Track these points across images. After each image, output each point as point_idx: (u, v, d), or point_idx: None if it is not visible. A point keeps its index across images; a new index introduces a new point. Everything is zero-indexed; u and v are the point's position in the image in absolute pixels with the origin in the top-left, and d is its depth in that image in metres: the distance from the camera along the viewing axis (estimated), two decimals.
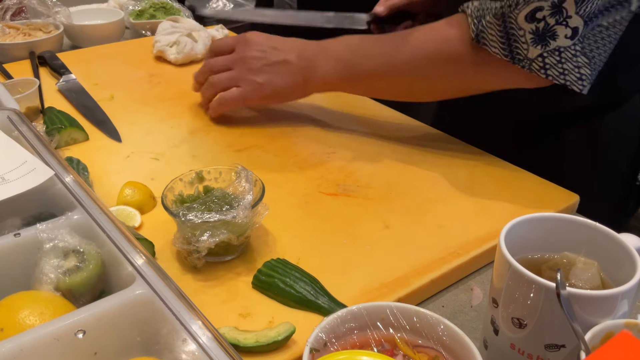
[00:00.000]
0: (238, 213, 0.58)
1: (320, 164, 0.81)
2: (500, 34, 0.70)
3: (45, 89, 1.02)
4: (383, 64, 0.80)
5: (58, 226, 0.50)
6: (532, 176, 0.79)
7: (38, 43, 1.17)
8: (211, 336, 0.40)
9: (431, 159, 0.83)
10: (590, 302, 0.44)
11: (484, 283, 0.64)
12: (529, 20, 0.68)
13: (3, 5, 1.26)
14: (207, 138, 0.88)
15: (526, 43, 0.69)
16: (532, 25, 0.68)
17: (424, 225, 0.69)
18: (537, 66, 0.69)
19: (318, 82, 0.85)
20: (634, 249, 0.47)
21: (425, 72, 0.78)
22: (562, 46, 0.68)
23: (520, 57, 0.70)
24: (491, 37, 0.71)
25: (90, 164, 0.78)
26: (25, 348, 0.39)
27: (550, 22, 0.67)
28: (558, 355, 0.46)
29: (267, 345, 0.51)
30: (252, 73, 0.86)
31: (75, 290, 0.47)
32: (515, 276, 0.46)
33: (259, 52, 0.86)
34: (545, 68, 0.69)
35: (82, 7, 1.35)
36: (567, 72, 0.69)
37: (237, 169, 0.65)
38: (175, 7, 1.37)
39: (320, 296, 0.57)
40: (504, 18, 0.69)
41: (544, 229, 0.52)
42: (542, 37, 0.68)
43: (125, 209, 0.68)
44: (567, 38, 0.67)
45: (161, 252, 0.64)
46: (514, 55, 0.70)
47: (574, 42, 0.67)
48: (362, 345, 0.44)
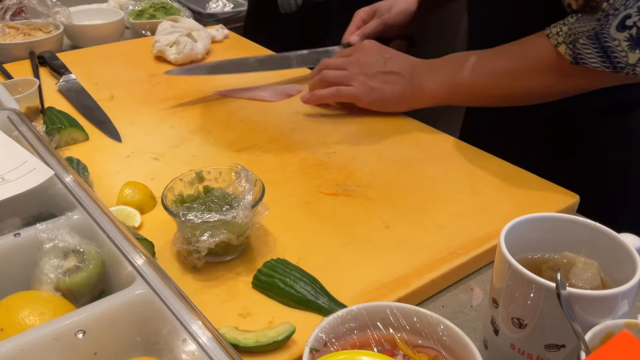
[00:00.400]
0: (238, 213, 0.58)
1: (320, 164, 0.81)
2: (597, 50, 0.73)
3: (45, 89, 1.02)
4: (488, 77, 0.84)
5: (58, 226, 0.50)
6: (532, 176, 0.79)
7: (38, 43, 1.17)
8: (211, 336, 0.40)
9: (431, 159, 0.83)
10: (590, 302, 0.44)
11: (484, 283, 0.64)
12: (620, 29, 0.71)
13: (3, 5, 1.26)
14: (207, 138, 0.88)
15: (624, 51, 0.71)
16: (625, 34, 0.70)
17: (424, 225, 0.69)
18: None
19: (427, 96, 0.90)
20: (634, 249, 0.47)
21: (532, 81, 0.81)
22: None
23: (622, 65, 0.72)
24: (589, 56, 0.74)
25: (90, 164, 0.78)
26: (25, 348, 0.40)
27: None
28: (558, 355, 0.46)
29: (267, 345, 0.51)
30: (367, 77, 0.92)
31: (75, 290, 0.47)
32: (515, 276, 0.46)
33: (375, 60, 0.93)
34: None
35: (82, 7, 1.35)
36: None
37: (237, 169, 0.65)
38: (175, 7, 1.37)
39: (320, 296, 0.57)
40: (598, 36, 0.72)
41: (544, 229, 0.52)
42: (638, 41, 0.70)
43: (125, 209, 0.68)
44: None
45: (161, 252, 0.64)
46: (615, 65, 0.73)
47: None
48: (362, 345, 0.44)
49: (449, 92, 0.88)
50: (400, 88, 0.91)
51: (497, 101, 0.88)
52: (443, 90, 0.88)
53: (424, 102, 0.91)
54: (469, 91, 0.87)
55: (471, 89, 0.86)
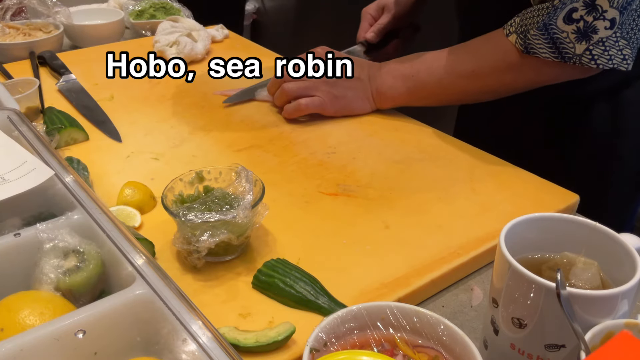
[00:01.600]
0: (238, 213, 0.58)
1: (320, 164, 0.81)
2: (547, 41, 0.76)
3: (45, 89, 1.02)
4: (447, 77, 0.86)
5: (58, 226, 0.50)
6: (532, 176, 0.79)
7: (38, 43, 1.17)
8: (211, 336, 0.40)
9: (431, 159, 0.83)
10: (590, 302, 0.44)
11: (484, 283, 0.64)
12: (567, 21, 0.74)
13: (3, 5, 1.26)
14: (207, 138, 0.88)
15: (571, 42, 0.75)
16: (573, 27, 0.74)
17: (424, 225, 0.69)
18: (586, 59, 0.76)
19: (387, 99, 0.92)
20: (634, 249, 0.47)
21: (490, 80, 0.84)
22: (604, 37, 0.74)
23: (570, 55, 0.76)
24: (539, 46, 0.77)
25: (90, 164, 0.78)
26: (25, 348, 0.40)
27: (588, 20, 0.73)
28: (558, 355, 0.46)
29: (267, 345, 0.51)
30: (329, 85, 0.91)
31: (75, 290, 0.47)
32: (515, 276, 0.46)
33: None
34: (594, 59, 0.75)
35: (82, 7, 1.35)
36: (613, 57, 0.75)
37: (237, 169, 0.65)
38: (175, 7, 1.37)
39: (320, 296, 0.57)
40: (547, 27, 0.75)
41: (544, 229, 0.52)
42: (585, 34, 0.74)
43: (125, 209, 0.68)
44: (607, 29, 0.73)
45: (161, 252, 0.64)
46: (563, 55, 0.76)
47: (614, 30, 0.74)
48: (362, 345, 0.44)
49: (408, 94, 0.90)
50: (362, 93, 0.92)
51: (457, 99, 0.92)
52: (402, 92, 0.90)
53: (386, 104, 0.93)
54: (429, 92, 0.89)
55: (431, 90, 0.88)
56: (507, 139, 0.95)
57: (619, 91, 0.88)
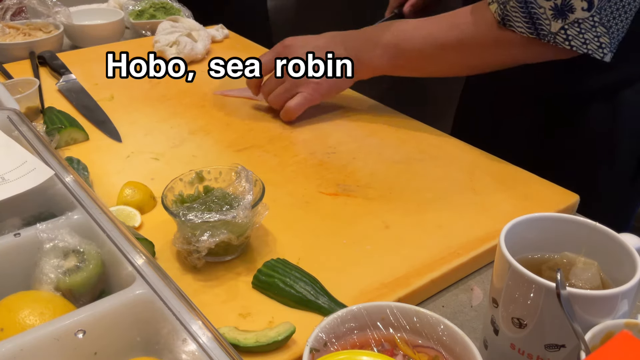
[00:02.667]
0: (238, 213, 0.58)
1: (320, 164, 0.81)
2: (524, 15, 0.76)
3: (45, 89, 1.02)
4: (429, 47, 0.84)
5: (58, 226, 0.50)
6: (532, 176, 0.79)
7: (38, 43, 1.17)
8: (211, 336, 0.40)
9: (431, 159, 0.83)
10: (590, 302, 0.44)
11: (484, 283, 0.64)
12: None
13: (3, 5, 1.26)
14: (207, 138, 0.88)
15: (548, 19, 0.75)
16: (551, 3, 0.74)
17: (424, 225, 0.69)
18: (560, 39, 0.75)
19: (367, 69, 0.90)
20: (634, 249, 0.47)
21: (472, 51, 0.83)
22: (581, 18, 0.74)
23: (545, 33, 0.76)
24: (516, 19, 0.77)
25: (90, 164, 0.78)
26: (25, 348, 0.39)
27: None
28: (558, 355, 0.46)
29: (267, 345, 0.51)
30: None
31: (75, 290, 0.47)
32: (515, 276, 0.46)
33: (305, 53, 0.90)
34: (568, 40, 0.75)
35: (82, 7, 1.35)
36: (588, 42, 0.75)
37: (237, 169, 0.65)
38: (175, 7, 1.37)
39: (320, 296, 0.57)
40: (526, 1, 0.75)
41: (544, 229, 0.52)
42: (561, 12, 0.74)
43: (125, 209, 0.68)
44: (584, 10, 0.73)
45: (161, 252, 0.64)
46: (538, 32, 0.76)
47: (592, 13, 0.73)
48: (362, 345, 0.44)
49: (389, 64, 0.88)
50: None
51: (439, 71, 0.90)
52: (383, 62, 0.88)
53: (367, 74, 0.91)
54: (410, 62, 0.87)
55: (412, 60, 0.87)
56: (507, 139, 0.95)
57: (619, 91, 0.88)
